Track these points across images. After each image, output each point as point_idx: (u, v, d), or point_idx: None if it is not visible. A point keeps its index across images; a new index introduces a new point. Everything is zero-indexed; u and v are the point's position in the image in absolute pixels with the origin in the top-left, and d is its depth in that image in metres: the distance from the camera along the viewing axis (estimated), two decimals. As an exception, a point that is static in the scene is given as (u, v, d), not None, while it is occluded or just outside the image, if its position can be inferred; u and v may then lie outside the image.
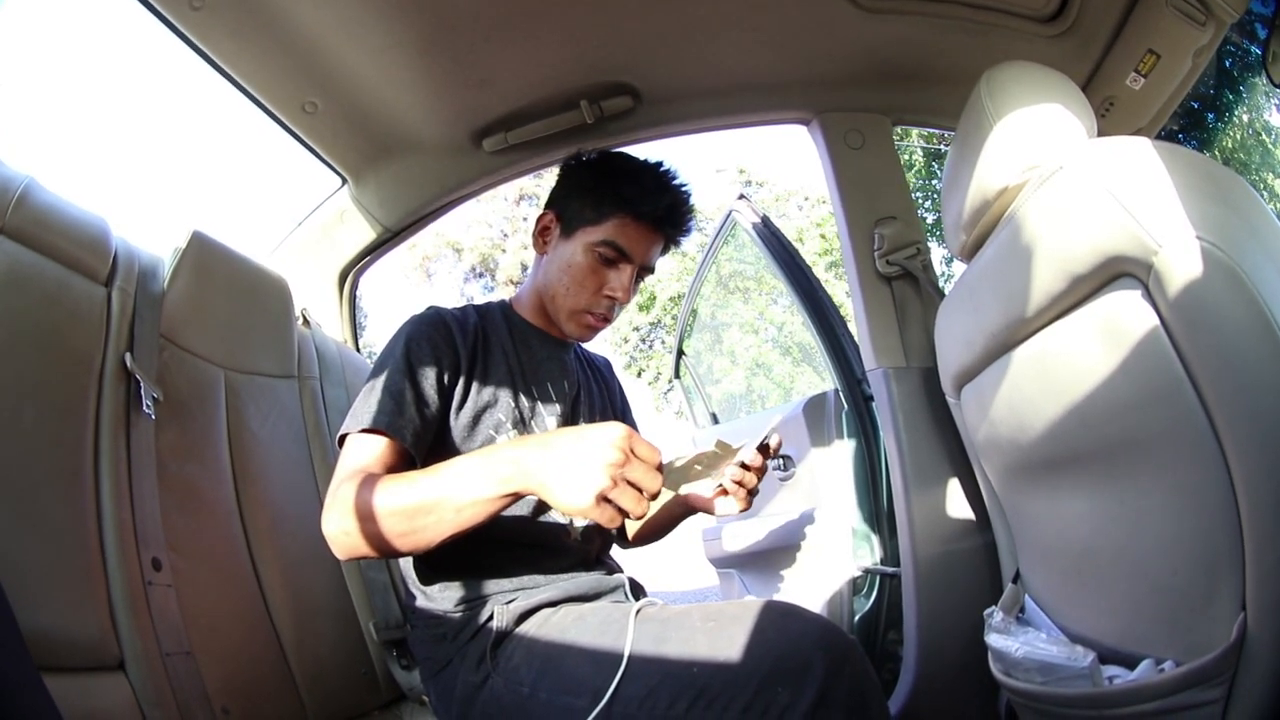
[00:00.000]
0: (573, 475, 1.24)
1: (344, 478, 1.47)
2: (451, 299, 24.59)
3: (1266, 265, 1.16)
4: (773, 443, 1.73)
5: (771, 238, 3.17)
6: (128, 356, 1.66)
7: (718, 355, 4.93)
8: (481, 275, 25.02)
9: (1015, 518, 1.94)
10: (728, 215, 3.56)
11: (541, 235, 1.98)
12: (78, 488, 1.46)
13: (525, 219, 25.61)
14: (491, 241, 24.83)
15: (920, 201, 13.84)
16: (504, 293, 24.01)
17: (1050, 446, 1.58)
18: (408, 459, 1.58)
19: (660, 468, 1.27)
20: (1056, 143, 1.53)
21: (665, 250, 2.00)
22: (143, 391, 1.64)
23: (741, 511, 1.83)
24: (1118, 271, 1.28)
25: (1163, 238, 1.18)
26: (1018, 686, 1.68)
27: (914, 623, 2.24)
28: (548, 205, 2.01)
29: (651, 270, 1.99)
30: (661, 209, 1.89)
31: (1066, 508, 1.61)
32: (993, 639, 1.77)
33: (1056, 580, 1.74)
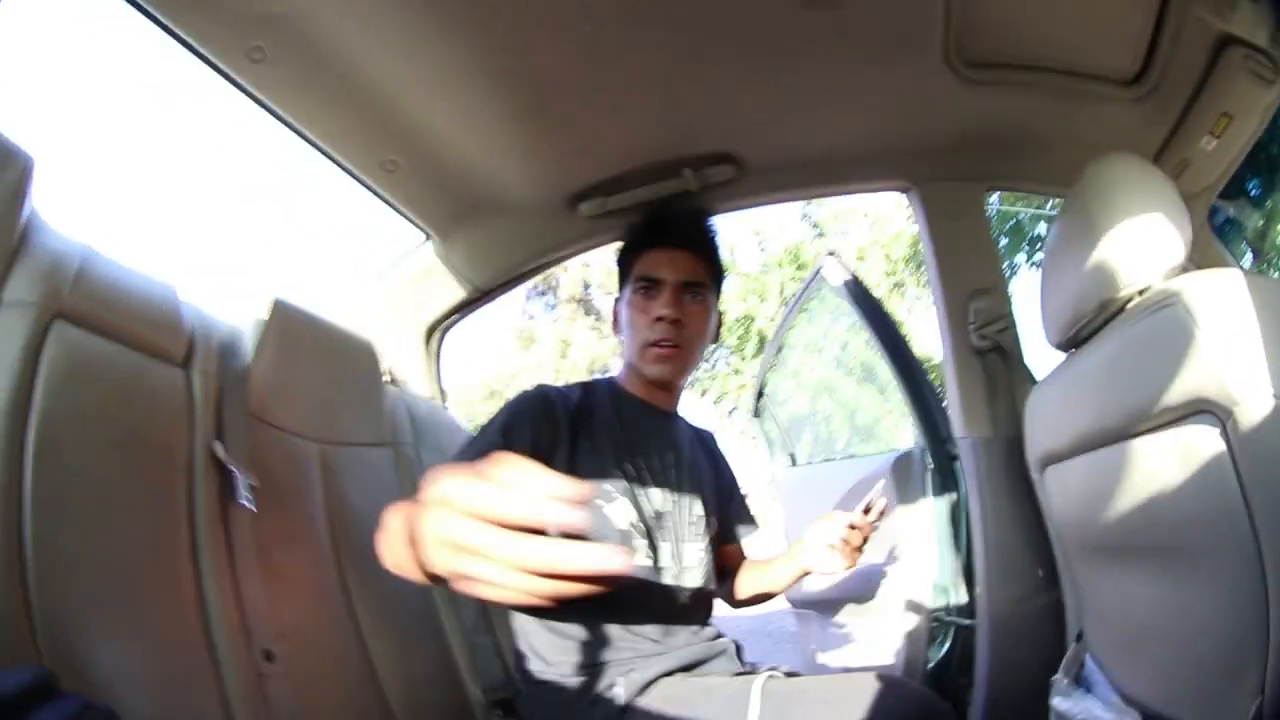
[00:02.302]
0: None
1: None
2: (514, 317, 24.77)
3: None
4: (877, 506, 1.85)
5: (861, 296, 3.17)
6: (218, 445, 1.57)
7: (799, 400, 4.96)
8: (544, 293, 25.13)
9: (1083, 585, 2.06)
10: (815, 271, 3.58)
11: (615, 322, 2.18)
12: (180, 590, 1.42)
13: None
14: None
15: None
16: (565, 310, 24.15)
17: (1120, 537, 1.73)
18: None
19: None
20: (1158, 263, 1.64)
21: (709, 264, 2.10)
22: (238, 482, 1.57)
23: (848, 568, 1.94)
24: (1201, 409, 1.41)
25: (1243, 393, 1.33)
26: None
27: (985, 671, 2.37)
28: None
29: (699, 284, 2.05)
30: (657, 226, 2.11)
31: (1128, 588, 1.77)
32: (1056, 701, 1.93)
33: (1115, 644, 1.90)
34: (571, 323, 24.05)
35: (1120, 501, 1.66)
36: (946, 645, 2.73)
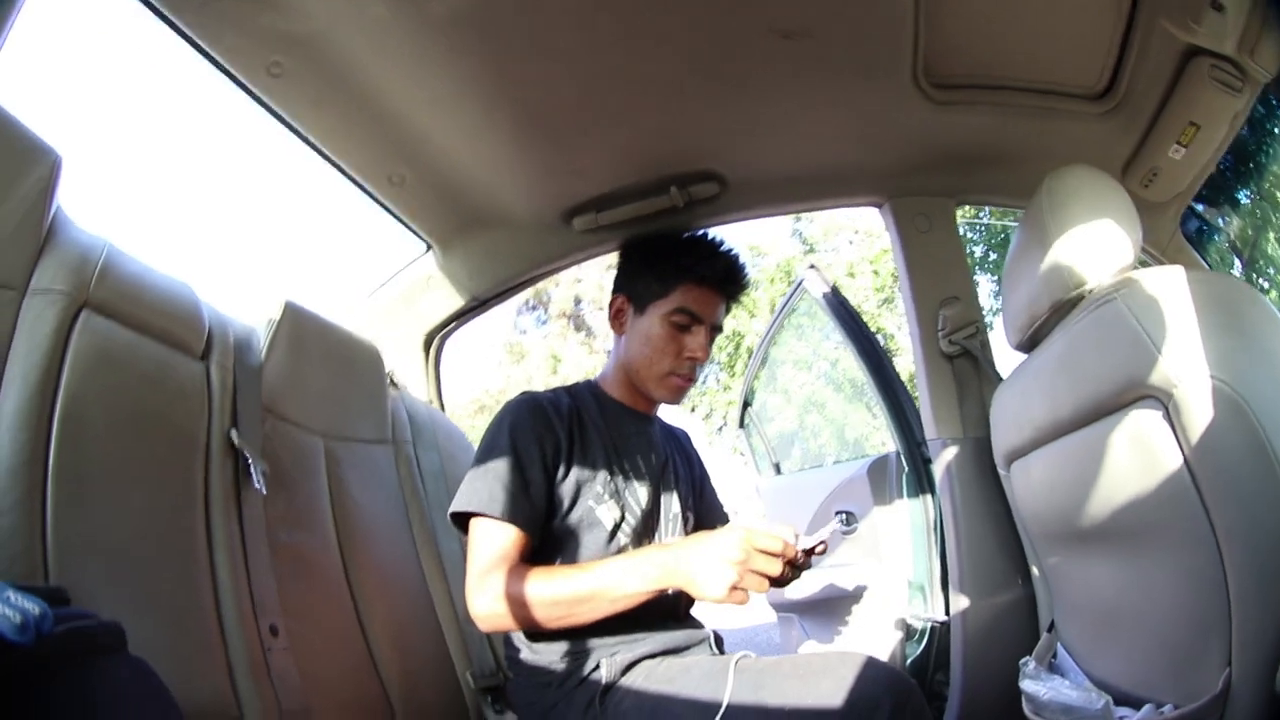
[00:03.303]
0: (708, 573, 1.55)
1: (489, 565, 1.71)
2: (505, 331, 24.77)
3: (1272, 388, 1.38)
4: (817, 549, 1.82)
5: (840, 307, 3.27)
6: (234, 433, 1.66)
7: (784, 417, 5.00)
8: (535, 308, 25.05)
9: (1052, 576, 2.12)
10: (798, 283, 3.66)
11: (617, 318, 2.16)
12: (194, 565, 1.47)
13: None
14: (542, 273, 24.99)
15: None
16: (556, 325, 24.12)
17: (1083, 524, 1.76)
18: (531, 542, 1.79)
19: (784, 554, 1.56)
20: (1106, 265, 1.71)
21: (728, 309, 2.17)
22: (252, 467, 1.64)
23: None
24: (1144, 394, 1.48)
25: (1181, 376, 1.39)
26: None
27: (959, 667, 2.42)
28: (616, 290, 2.19)
29: (720, 329, 2.15)
30: (720, 271, 2.09)
31: (1094, 573, 1.84)
32: (1025, 684, 1.96)
33: (1084, 632, 1.95)
34: (562, 338, 23.99)
35: (1078, 489, 1.72)
36: (923, 643, 2.80)
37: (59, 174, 1.33)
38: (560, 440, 1.90)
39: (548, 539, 1.86)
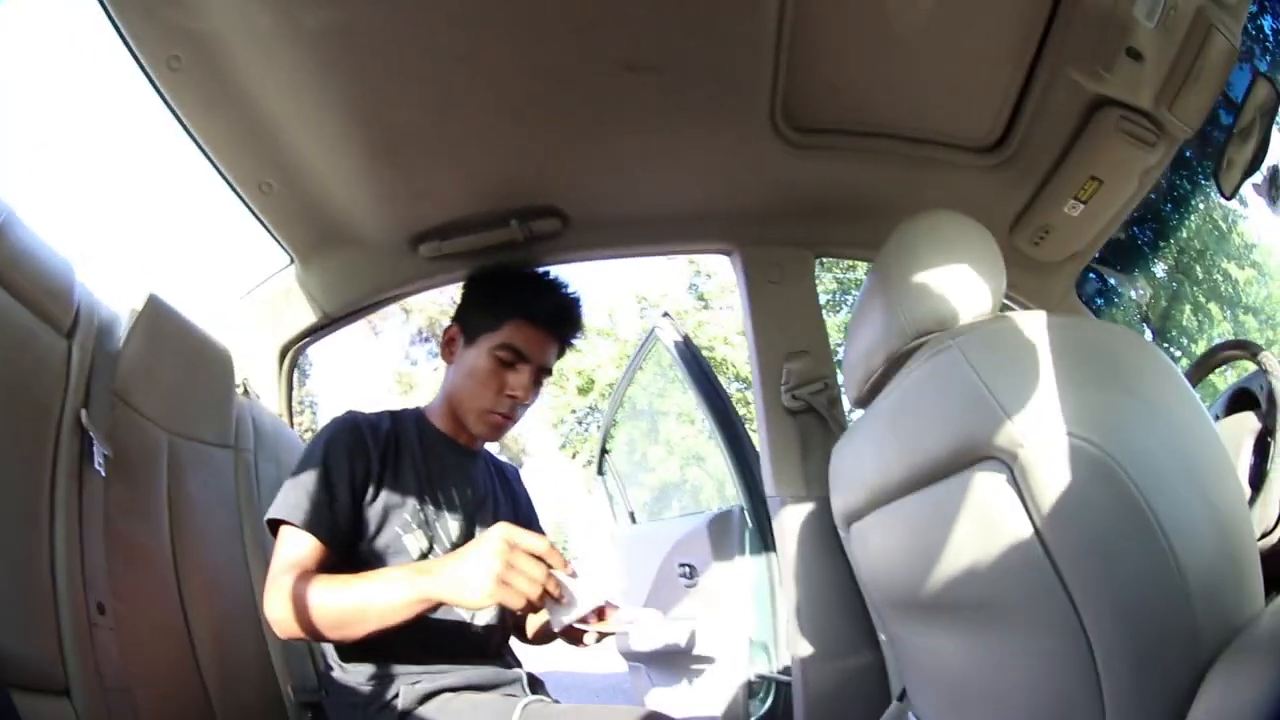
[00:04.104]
0: (469, 575, 1.56)
1: (280, 570, 1.79)
2: (396, 361, 24.65)
3: (1157, 448, 1.20)
4: (591, 635, 1.94)
5: (690, 358, 3.39)
6: (83, 413, 1.73)
7: (641, 459, 5.18)
8: (428, 340, 24.90)
9: (897, 644, 2.06)
10: (650, 332, 3.78)
11: (448, 347, 2.24)
12: (33, 531, 1.54)
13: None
14: (440, 306, 24.91)
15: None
16: (450, 359, 24.00)
17: (924, 594, 1.63)
18: (332, 554, 1.86)
19: (545, 558, 1.59)
20: (952, 312, 1.56)
21: (561, 352, 2.26)
22: (95, 449, 1.72)
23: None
24: (984, 455, 1.31)
25: (1028, 434, 1.22)
26: None
27: None
28: (453, 320, 2.27)
29: (549, 372, 2.21)
30: (551, 310, 2.19)
31: (941, 644, 1.70)
32: None
33: (937, 703, 1.87)
34: (453, 371, 23.82)
35: (916, 557, 1.60)
36: (769, 702, 2.90)
37: None
38: (372, 463, 1.98)
39: (356, 563, 1.90)
